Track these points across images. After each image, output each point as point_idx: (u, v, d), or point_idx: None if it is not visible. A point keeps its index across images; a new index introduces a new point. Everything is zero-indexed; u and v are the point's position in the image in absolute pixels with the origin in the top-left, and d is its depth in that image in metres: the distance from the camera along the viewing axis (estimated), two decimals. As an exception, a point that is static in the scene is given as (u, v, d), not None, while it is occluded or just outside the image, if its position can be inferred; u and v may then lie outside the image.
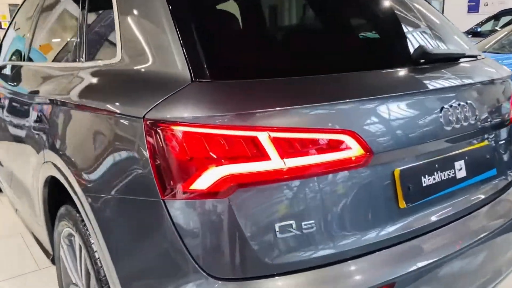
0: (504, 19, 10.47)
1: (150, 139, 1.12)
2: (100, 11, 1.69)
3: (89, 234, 1.40)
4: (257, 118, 1.08)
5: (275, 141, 1.08)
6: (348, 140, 1.14)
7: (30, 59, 2.35)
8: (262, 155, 1.08)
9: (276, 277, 1.10)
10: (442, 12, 14.65)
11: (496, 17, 10.74)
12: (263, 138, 1.08)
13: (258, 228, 1.09)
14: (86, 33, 1.71)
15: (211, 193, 1.08)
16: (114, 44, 1.45)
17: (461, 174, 1.43)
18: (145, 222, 1.16)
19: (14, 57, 2.75)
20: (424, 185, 1.32)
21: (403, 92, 1.28)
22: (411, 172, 1.29)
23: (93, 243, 1.37)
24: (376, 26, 1.68)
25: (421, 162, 1.32)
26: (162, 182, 1.11)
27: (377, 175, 1.22)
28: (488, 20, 10.85)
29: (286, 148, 1.09)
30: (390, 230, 1.24)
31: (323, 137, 1.12)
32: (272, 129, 1.08)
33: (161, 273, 1.14)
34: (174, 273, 1.11)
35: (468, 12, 13.59)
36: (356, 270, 1.16)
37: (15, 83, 2.36)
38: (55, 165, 1.55)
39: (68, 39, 1.94)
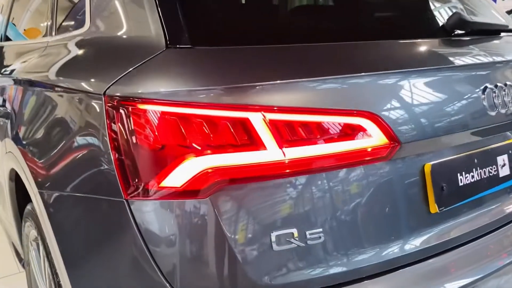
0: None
1: (111, 121, 0.87)
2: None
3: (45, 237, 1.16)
4: (249, 94, 0.83)
5: (272, 125, 0.82)
6: (367, 125, 0.88)
7: (7, 39, 2.12)
8: (255, 143, 0.82)
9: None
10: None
11: (514, 11, 10.38)
12: (257, 120, 0.82)
13: (248, 238, 0.83)
14: (57, 4, 1.47)
15: (188, 191, 0.82)
16: (83, 14, 1.20)
17: (505, 171, 1.16)
18: (104, 226, 0.91)
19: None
20: (461, 184, 1.05)
21: (436, 66, 1.02)
22: (446, 168, 1.03)
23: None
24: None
25: (458, 155, 1.05)
26: (125, 178, 0.85)
27: (403, 172, 0.96)
28: (507, 14, 10.48)
29: (286, 135, 0.83)
30: (418, 241, 0.98)
31: (335, 120, 0.86)
32: (268, 108, 0.82)
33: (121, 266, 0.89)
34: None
35: None
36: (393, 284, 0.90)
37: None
38: (14, 156, 1.30)
39: (40, 13, 1.69)
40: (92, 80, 0.97)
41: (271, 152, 0.82)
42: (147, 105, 0.84)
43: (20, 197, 1.57)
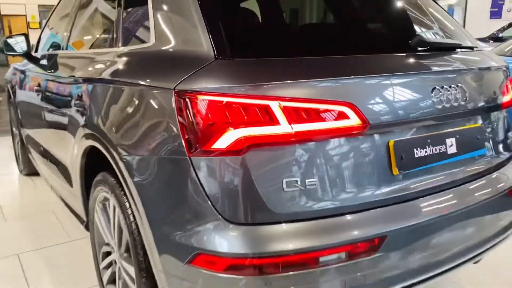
0: (527, 25, 10.43)
1: (179, 107, 1.34)
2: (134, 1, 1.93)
3: (123, 195, 1.62)
4: (269, 89, 1.29)
5: (285, 109, 1.28)
6: (347, 111, 1.34)
7: (68, 49, 2.61)
8: (273, 121, 1.28)
9: (280, 224, 1.29)
10: (464, 18, 14.64)
11: (519, 23, 10.71)
12: (274, 106, 1.28)
13: (268, 182, 1.29)
14: (122, 22, 1.95)
15: (229, 151, 1.28)
16: (147, 31, 1.68)
17: (452, 150, 1.60)
18: (173, 176, 1.37)
19: (52, 49, 3.02)
20: (416, 156, 1.50)
21: (399, 72, 1.47)
22: (405, 144, 1.48)
23: (127, 202, 1.59)
24: (381, 16, 1.87)
25: (414, 136, 1.50)
26: (188, 143, 1.32)
27: (373, 144, 1.41)
28: (510, 26, 10.83)
29: (293, 116, 1.29)
30: (384, 192, 1.43)
31: (325, 107, 1.32)
32: (282, 98, 1.29)
33: (186, 219, 1.34)
34: (197, 218, 1.32)
35: (491, 18, 13.54)
36: (351, 223, 1.35)
37: (55, 70, 2.61)
38: (95, 136, 1.77)
39: (104, 29, 2.18)
40: (164, 80, 1.44)
41: (283, 127, 1.28)
42: (203, 96, 1.30)
43: (88, 171, 2.05)
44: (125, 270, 1.77)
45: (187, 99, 1.32)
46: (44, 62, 2.97)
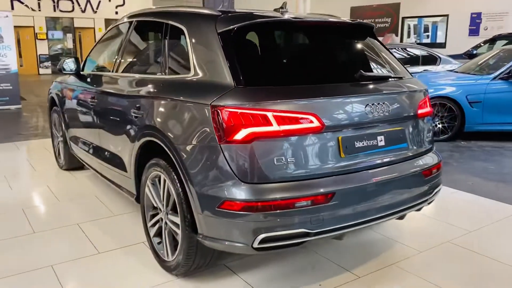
0: (500, 43, 11.50)
1: (213, 115, 2.28)
2: (176, 42, 2.89)
3: (172, 171, 2.56)
4: (267, 105, 2.24)
5: (275, 117, 2.23)
6: (312, 118, 2.29)
7: (117, 72, 3.57)
8: (268, 123, 2.22)
9: (272, 184, 2.23)
10: (446, 35, 15.72)
11: (492, 40, 11.79)
12: (270, 115, 2.23)
13: (265, 159, 2.24)
14: (167, 57, 2.90)
15: (243, 141, 2.22)
16: (188, 65, 2.63)
17: (382, 143, 2.56)
18: (209, 156, 2.31)
19: (98, 70, 4.00)
20: (356, 146, 2.45)
21: (345, 95, 2.43)
22: (348, 138, 2.42)
23: (175, 175, 2.53)
24: (337, 55, 2.84)
25: (355, 134, 2.45)
26: (219, 136, 2.26)
27: (329, 138, 2.36)
28: (484, 43, 11.91)
29: (280, 120, 2.23)
30: (335, 167, 2.37)
31: (300, 116, 2.27)
32: (274, 110, 2.23)
33: (217, 181, 2.28)
34: (224, 180, 2.26)
35: (469, 35, 14.65)
36: (314, 184, 2.29)
37: (110, 86, 3.57)
38: (152, 134, 2.71)
39: (152, 60, 3.15)
40: (203, 98, 2.37)
41: (275, 127, 2.23)
42: (227, 109, 2.25)
43: (142, 158, 2.98)
44: (171, 221, 2.69)
45: (218, 111, 2.27)
46: (96, 80, 3.92)
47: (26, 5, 20.68)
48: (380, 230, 3.43)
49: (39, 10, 21.14)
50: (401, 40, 16.88)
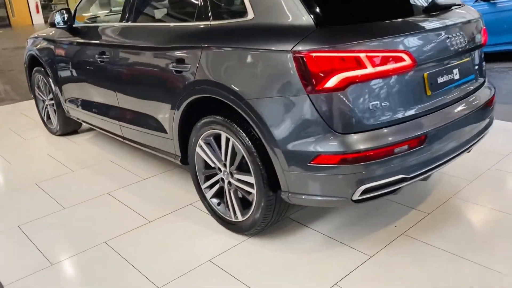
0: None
1: (297, 62, 2.04)
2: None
3: (240, 130, 2.33)
4: (358, 45, 2.02)
5: (369, 58, 2.03)
6: (404, 56, 2.11)
7: (135, 20, 3.16)
8: (362, 66, 2.02)
9: (370, 131, 2.08)
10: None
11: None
12: (363, 56, 2.02)
13: (361, 105, 2.06)
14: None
15: (335, 88, 2.02)
16: (242, 6, 2.33)
17: (457, 76, 2.44)
18: (297, 109, 2.10)
19: (98, 22, 3.51)
20: (438, 82, 2.31)
21: (431, 28, 2.26)
22: (432, 74, 2.28)
23: (244, 133, 2.31)
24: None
25: (437, 69, 2.30)
26: (306, 86, 2.04)
27: (416, 76, 2.20)
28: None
29: (374, 61, 2.04)
30: (424, 106, 2.24)
31: (393, 54, 2.08)
32: (367, 51, 2.03)
33: (308, 135, 2.09)
34: (317, 133, 2.08)
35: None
36: (410, 126, 2.16)
37: (126, 39, 3.17)
38: (210, 90, 2.42)
39: (188, 5, 2.80)
40: (279, 45, 2.11)
41: (369, 69, 2.03)
42: (314, 53, 2.02)
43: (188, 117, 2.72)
44: (239, 180, 2.50)
45: (302, 57, 2.03)
46: (102, 32, 3.47)
47: None
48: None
49: None
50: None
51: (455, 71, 2.43)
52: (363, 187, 2.10)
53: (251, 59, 2.24)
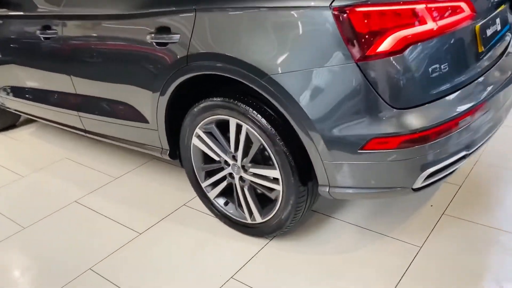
0: None
1: (339, 21, 1.56)
2: None
3: (259, 114, 1.84)
4: (415, -4, 1.57)
5: (428, 10, 1.59)
6: (463, 5, 1.69)
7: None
8: (421, 21, 1.58)
9: (431, 103, 1.66)
10: None
11: None
12: (421, 9, 1.58)
13: (421, 70, 1.63)
14: None
15: (391, 52, 1.57)
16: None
17: (499, 27, 2.07)
18: (341, 82, 1.63)
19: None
20: (487, 35, 1.93)
21: None
22: (483, 26, 1.88)
23: (267, 120, 1.83)
24: None
25: (486, 20, 1.91)
26: (353, 51, 1.57)
27: (471, 29, 1.79)
28: None
29: (433, 14, 1.60)
30: (479, 65, 1.85)
31: (452, 4, 1.65)
32: (426, 2, 1.58)
33: (358, 115, 1.64)
34: (369, 111, 1.63)
35: None
36: (470, 92, 1.77)
37: (84, 7, 2.48)
38: (213, 66, 1.87)
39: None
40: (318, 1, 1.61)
41: (430, 25, 1.59)
42: (360, 8, 1.54)
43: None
44: (256, 175, 2.02)
45: (346, 14, 1.55)
46: (39, 2, 2.74)
47: None
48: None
49: None
50: None
51: (497, 20, 2.06)
52: (427, 172, 1.71)
53: (273, 22, 1.71)
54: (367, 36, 1.56)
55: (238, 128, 1.99)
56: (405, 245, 2.07)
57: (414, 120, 1.64)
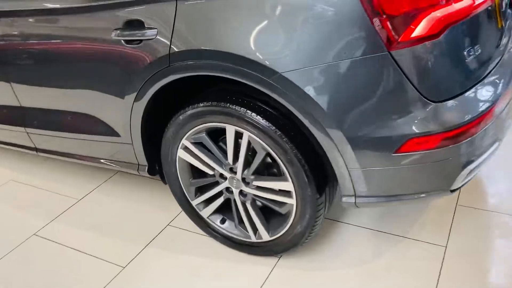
0: None
1: (365, 3, 1.29)
2: None
3: (263, 118, 1.55)
4: (449, -33, 1.33)
5: None
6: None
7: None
8: (456, -2, 1.35)
9: (465, 94, 1.44)
10: None
11: None
12: None
13: (457, 56, 1.40)
14: None
15: (428, 36, 1.32)
16: None
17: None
18: (368, 76, 1.36)
19: None
20: (503, 9, 1.74)
21: None
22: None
23: (274, 124, 1.55)
24: None
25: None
26: (385, 38, 1.31)
27: (492, 5, 1.58)
28: None
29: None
30: (500, 43, 1.66)
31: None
32: (462, -27, 1.35)
33: (392, 112, 1.39)
34: (405, 108, 1.38)
35: None
36: (499, 74, 1.56)
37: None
38: (203, 65, 1.54)
39: None
40: None
41: (465, 1, 1.36)
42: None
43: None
44: (260, 188, 1.73)
45: (377, -7, 1.28)
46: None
47: None
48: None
49: None
50: None
51: (504, -8, 1.88)
52: (467, 170, 1.51)
53: (284, 8, 1.40)
54: (399, 19, 1.30)
55: (237, 136, 1.68)
56: (430, 246, 1.88)
57: (456, 113, 1.42)
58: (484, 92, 1.49)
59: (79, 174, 2.72)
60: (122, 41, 1.70)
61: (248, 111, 1.58)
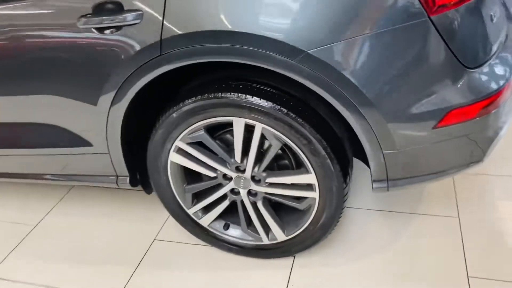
0: None
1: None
2: None
3: (281, 106, 1.35)
4: None
5: None
6: None
7: None
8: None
9: (492, 58, 1.36)
10: None
11: None
12: None
13: (487, 18, 1.33)
14: None
15: (465, -4, 1.21)
16: None
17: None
18: (407, 46, 1.22)
19: None
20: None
21: None
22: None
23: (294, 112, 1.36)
24: None
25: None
26: (426, 2, 1.17)
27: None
28: None
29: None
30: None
31: None
32: None
33: (430, 85, 1.26)
34: (443, 78, 1.27)
35: None
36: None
37: None
38: (200, 50, 1.29)
39: None
40: None
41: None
42: None
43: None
44: (275, 185, 1.54)
45: (412, -50, 1.13)
46: None
47: None
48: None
49: None
50: None
51: None
52: (499, 137, 1.44)
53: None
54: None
55: (245, 130, 1.46)
56: (443, 219, 1.83)
57: (490, 79, 1.33)
58: (509, 57, 1.42)
59: (24, 193, 2.30)
60: (93, 29, 1.38)
61: (262, 100, 1.37)
